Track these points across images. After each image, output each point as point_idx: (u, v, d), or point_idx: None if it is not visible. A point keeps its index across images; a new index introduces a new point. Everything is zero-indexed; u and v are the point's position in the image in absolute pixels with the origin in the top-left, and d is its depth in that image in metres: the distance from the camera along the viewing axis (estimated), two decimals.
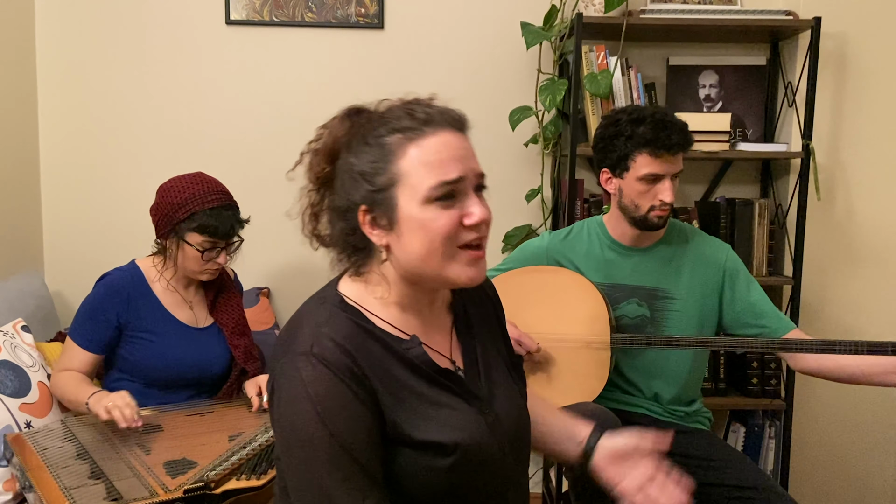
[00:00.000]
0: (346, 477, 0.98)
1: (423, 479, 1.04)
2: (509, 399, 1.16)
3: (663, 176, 1.78)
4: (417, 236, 1.02)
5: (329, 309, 1.07)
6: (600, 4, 2.34)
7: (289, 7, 2.51)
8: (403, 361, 1.06)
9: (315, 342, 1.01)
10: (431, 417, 1.05)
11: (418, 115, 1.04)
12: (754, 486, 1.69)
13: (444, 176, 1.01)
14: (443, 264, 1.03)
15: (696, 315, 1.89)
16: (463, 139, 1.07)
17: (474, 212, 1.03)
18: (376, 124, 1.06)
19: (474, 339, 1.18)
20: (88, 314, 1.86)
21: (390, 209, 1.03)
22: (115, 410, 1.65)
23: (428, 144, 1.02)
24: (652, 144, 1.76)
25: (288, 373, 1.01)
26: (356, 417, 0.99)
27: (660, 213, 1.81)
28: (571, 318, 1.86)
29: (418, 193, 1.01)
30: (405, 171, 1.02)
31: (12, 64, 2.37)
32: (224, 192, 1.87)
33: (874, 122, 2.53)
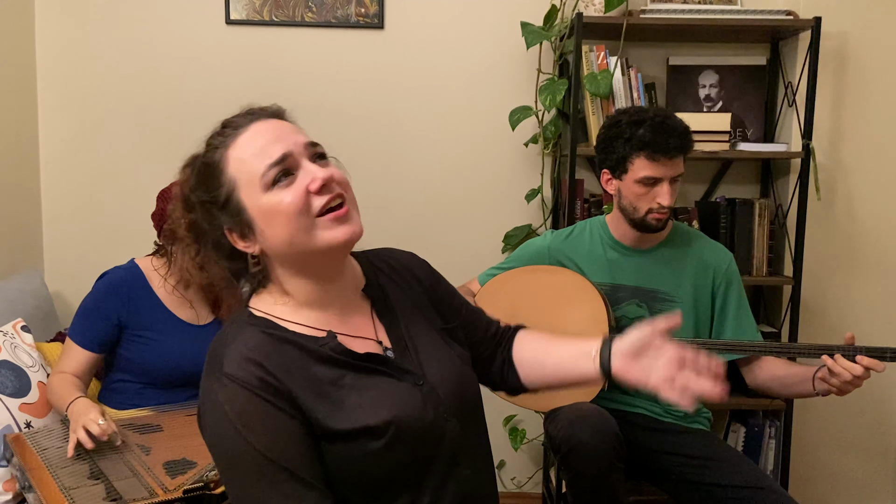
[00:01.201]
0: (278, 487, 0.98)
1: (362, 465, 1.04)
2: (445, 366, 1.16)
3: (661, 179, 1.78)
4: (275, 223, 1.03)
5: (238, 326, 1.08)
6: (600, 4, 2.33)
7: (289, 7, 2.50)
8: (321, 358, 1.06)
9: (225, 361, 1.02)
10: (358, 405, 1.05)
11: (229, 125, 1.09)
12: (754, 485, 1.69)
13: (269, 158, 1.03)
14: (309, 238, 1.03)
15: (693, 319, 1.89)
16: (277, 122, 1.09)
17: (316, 176, 1.03)
18: (201, 154, 1.10)
19: (397, 316, 1.18)
20: (88, 313, 1.86)
21: (243, 215, 1.05)
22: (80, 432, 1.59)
23: (242, 141, 1.06)
24: (649, 147, 1.76)
25: (206, 397, 1.03)
26: (277, 427, 1.00)
27: (658, 216, 1.81)
28: (571, 318, 1.86)
29: (256, 186, 1.03)
30: (234, 173, 1.05)
31: (12, 63, 2.37)
32: None
33: (874, 122, 2.52)
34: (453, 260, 2.14)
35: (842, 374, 1.60)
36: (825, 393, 1.69)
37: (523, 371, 1.29)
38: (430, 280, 1.28)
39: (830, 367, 1.62)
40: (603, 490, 1.66)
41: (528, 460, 2.67)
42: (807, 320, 2.51)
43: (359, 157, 2.52)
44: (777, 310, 2.53)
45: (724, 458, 1.79)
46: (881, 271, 2.58)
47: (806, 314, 2.50)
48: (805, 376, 1.73)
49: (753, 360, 1.88)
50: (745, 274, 2.32)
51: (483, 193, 2.60)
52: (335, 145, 1.19)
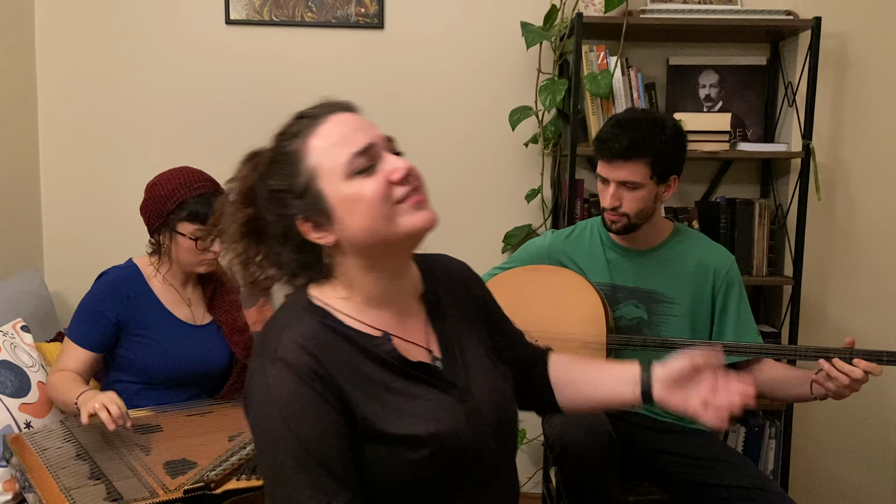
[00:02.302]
0: (312, 480, 0.98)
1: (398, 472, 1.04)
2: (490, 385, 1.16)
3: (607, 180, 1.80)
4: (356, 211, 1.04)
5: (296, 312, 1.08)
6: (600, 4, 2.33)
7: (289, 7, 2.50)
8: (374, 358, 1.07)
9: (279, 346, 1.02)
10: (404, 411, 1.05)
11: (307, 115, 1.09)
12: (754, 486, 1.69)
13: (354, 147, 1.04)
14: (390, 224, 1.04)
15: (691, 321, 1.89)
16: (356, 115, 1.11)
17: (397, 167, 1.04)
18: (276, 143, 1.10)
19: (449, 328, 1.18)
20: (87, 312, 1.86)
21: (322, 204, 1.05)
22: (102, 411, 1.59)
23: (325, 130, 1.06)
24: (598, 145, 1.81)
25: (256, 378, 1.03)
26: (321, 419, 1.00)
27: (609, 216, 1.83)
28: (570, 318, 1.86)
29: (338, 174, 1.04)
30: (316, 162, 1.05)
31: (12, 64, 2.37)
32: (210, 180, 1.87)
33: (874, 122, 2.52)
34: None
35: (839, 378, 1.60)
36: (822, 397, 1.68)
37: (559, 392, 1.30)
38: (483, 295, 1.29)
39: (827, 370, 1.61)
40: (596, 489, 1.66)
41: (528, 460, 2.67)
42: (807, 320, 2.51)
43: None
44: (777, 310, 2.53)
45: (724, 458, 1.79)
46: (881, 271, 2.58)
47: (806, 314, 2.50)
48: (802, 379, 1.73)
49: (752, 363, 1.88)
50: (745, 274, 2.32)
51: (483, 193, 2.60)
52: None
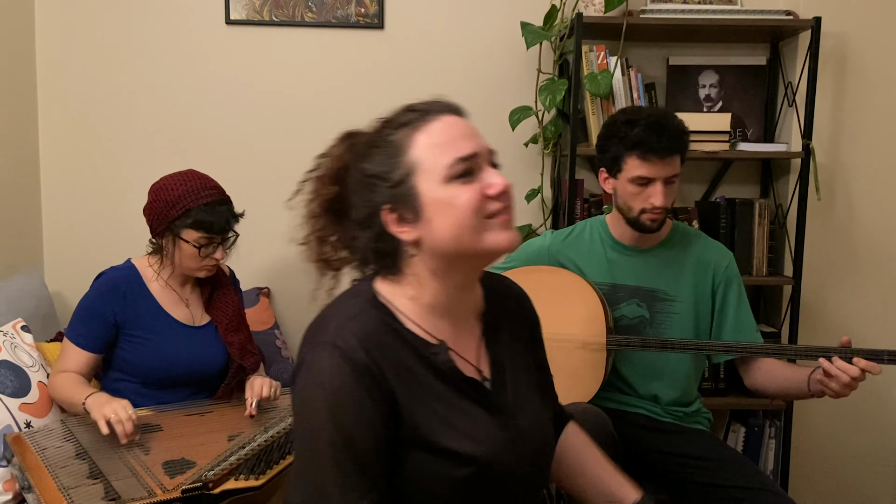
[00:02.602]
0: (345, 474, 0.98)
1: (435, 486, 1.03)
2: (534, 416, 1.15)
3: (654, 179, 1.77)
4: (446, 216, 1.02)
5: (360, 304, 1.07)
6: (600, 4, 2.33)
7: (289, 7, 2.51)
8: (429, 365, 1.06)
9: (339, 335, 1.01)
10: (452, 425, 1.04)
11: (418, 109, 1.07)
12: (754, 486, 1.69)
13: (459, 153, 1.03)
14: (476, 237, 1.03)
15: (693, 319, 1.89)
16: (466, 121, 1.09)
17: (495, 182, 1.04)
18: (379, 128, 1.08)
19: (502, 352, 1.17)
20: (85, 313, 1.86)
21: (413, 199, 1.04)
22: (118, 426, 1.62)
23: (434, 128, 1.05)
24: (641, 147, 1.75)
25: (308, 361, 1.02)
26: (365, 417, 0.99)
27: (651, 216, 1.80)
28: (569, 319, 1.86)
29: (437, 175, 1.02)
30: (419, 158, 1.04)
31: (12, 63, 2.37)
32: (216, 188, 1.87)
33: (874, 122, 2.52)
34: None
35: (838, 376, 1.60)
36: (820, 394, 1.68)
37: (556, 463, 1.29)
38: (536, 325, 1.28)
39: (826, 368, 1.61)
40: None
41: None
42: (807, 320, 2.51)
43: None
44: (777, 310, 2.52)
45: (724, 458, 1.79)
46: (881, 271, 2.58)
47: (806, 314, 2.49)
48: (800, 377, 1.73)
49: (751, 361, 1.88)
50: (745, 274, 2.32)
51: None
52: None
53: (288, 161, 2.55)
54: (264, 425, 1.79)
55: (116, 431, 1.63)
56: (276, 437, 1.73)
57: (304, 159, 2.90)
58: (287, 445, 1.70)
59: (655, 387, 1.90)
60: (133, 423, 1.64)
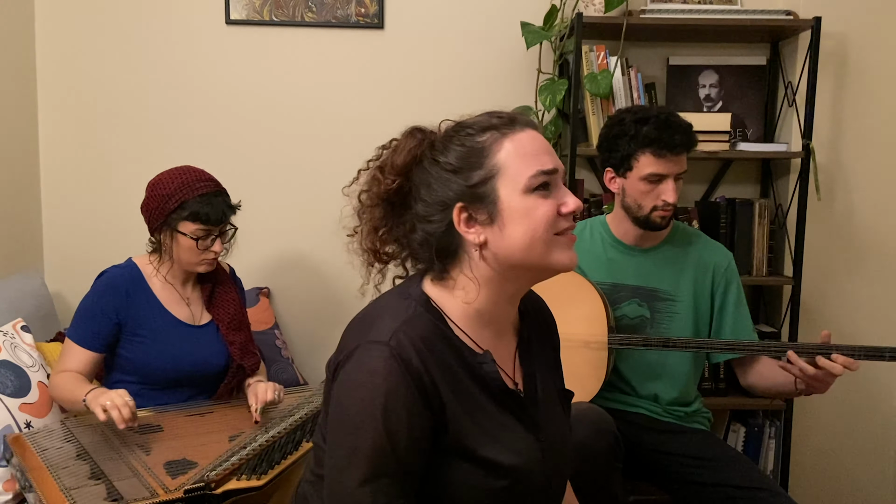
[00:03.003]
0: (378, 478, 0.98)
1: (472, 495, 1.04)
2: (560, 430, 1.17)
3: (666, 176, 1.79)
4: (521, 225, 1.04)
5: (413, 306, 1.07)
6: (600, 4, 2.34)
7: (289, 7, 2.50)
8: (474, 375, 1.06)
9: (394, 335, 1.01)
10: (494, 436, 1.05)
11: (503, 116, 1.10)
12: (754, 486, 1.69)
13: (542, 166, 1.05)
14: (545, 251, 1.05)
15: (693, 318, 1.90)
16: (543, 138, 1.11)
17: (569, 201, 1.06)
18: (461, 128, 1.10)
19: (534, 365, 1.18)
20: (87, 312, 1.85)
21: (491, 202, 1.05)
22: (114, 411, 1.61)
23: (521, 139, 1.07)
24: (655, 144, 1.76)
25: (359, 357, 1.01)
26: (410, 424, 0.99)
27: (662, 213, 1.81)
28: (570, 318, 1.86)
29: (519, 184, 1.04)
30: (503, 163, 1.05)
31: (12, 64, 2.37)
32: (211, 180, 1.87)
33: (874, 122, 2.53)
34: None
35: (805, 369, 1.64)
36: (807, 392, 1.70)
37: None
38: (558, 342, 1.30)
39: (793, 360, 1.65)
40: (601, 490, 1.66)
41: None
42: (806, 320, 2.51)
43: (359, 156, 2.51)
44: (777, 310, 2.53)
45: (724, 458, 1.79)
46: (881, 271, 2.58)
47: (806, 314, 2.50)
48: (789, 376, 1.73)
49: (749, 361, 1.89)
50: (744, 274, 2.33)
51: None
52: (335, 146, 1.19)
53: (288, 161, 2.55)
54: (265, 425, 1.79)
55: (113, 416, 1.60)
56: (277, 437, 1.73)
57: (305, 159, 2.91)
58: (288, 445, 1.70)
59: (655, 386, 1.90)
60: (130, 408, 1.61)
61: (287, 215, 2.58)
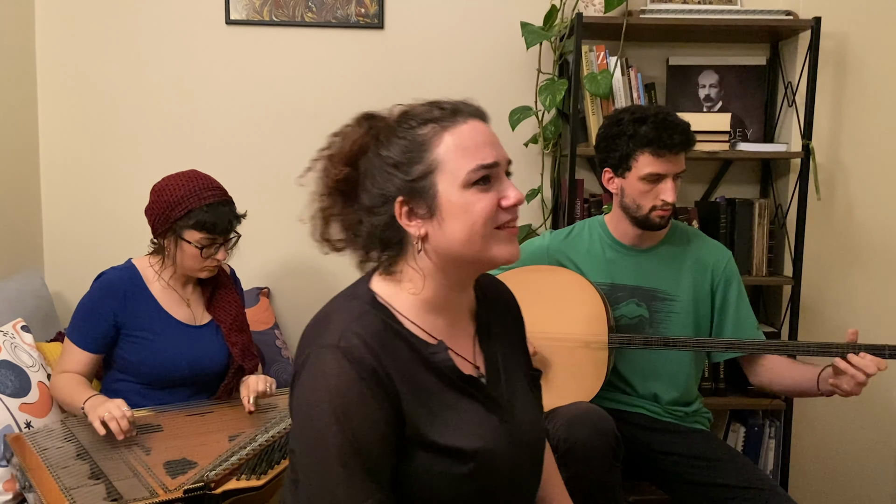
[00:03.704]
0: (352, 475, 0.98)
1: (439, 484, 1.04)
2: (528, 410, 1.17)
3: (665, 176, 1.79)
4: (460, 220, 1.04)
5: (360, 305, 1.08)
6: (600, 4, 2.34)
7: (289, 7, 2.50)
8: (428, 365, 1.07)
9: (343, 337, 1.02)
10: (453, 423, 1.05)
11: (445, 107, 1.09)
12: (754, 486, 1.69)
13: (482, 160, 1.04)
14: (484, 245, 1.05)
15: (692, 318, 1.89)
16: (489, 128, 1.10)
17: (510, 194, 1.06)
18: (404, 119, 1.09)
19: (495, 349, 1.19)
20: (85, 313, 1.86)
21: (430, 196, 1.05)
22: (112, 423, 1.63)
23: (462, 131, 1.06)
24: (654, 144, 1.76)
25: (312, 364, 1.02)
26: (372, 418, 0.99)
27: (661, 212, 1.81)
28: (570, 318, 1.86)
29: (458, 178, 1.04)
30: (443, 157, 1.05)
31: (12, 64, 2.37)
32: (219, 188, 1.87)
33: (874, 122, 2.53)
34: None
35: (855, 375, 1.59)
36: (829, 393, 1.68)
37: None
38: (522, 324, 1.31)
39: (843, 368, 1.60)
40: (601, 490, 1.66)
41: None
42: (806, 320, 2.51)
43: None
44: (777, 310, 2.53)
45: (724, 458, 1.79)
46: (881, 271, 2.58)
47: (806, 314, 2.50)
48: (809, 377, 1.73)
49: (756, 359, 1.88)
50: (744, 274, 2.33)
51: None
52: None
53: (288, 161, 2.55)
54: (265, 425, 1.79)
55: (111, 429, 1.63)
56: (277, 436, 1.73)
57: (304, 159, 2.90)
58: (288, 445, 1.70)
59: (655, 386, 1.90)
60: (128, 419, 1.64)
61: (287, 215, 2.58)
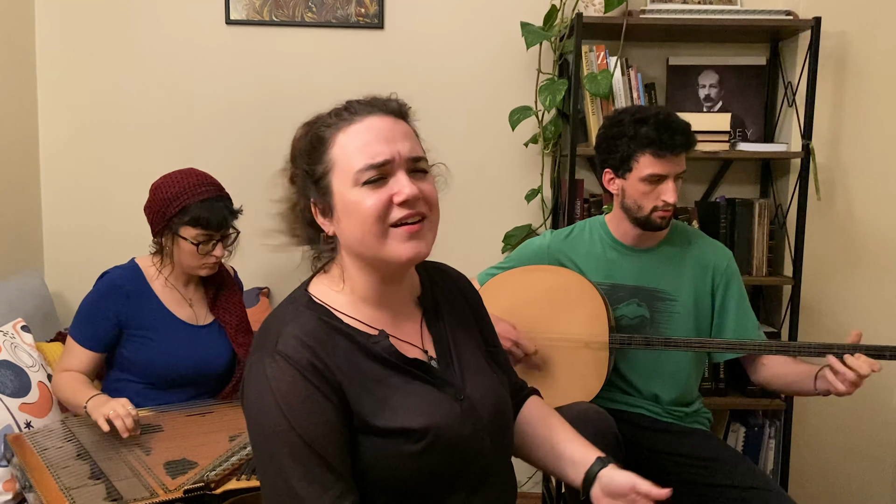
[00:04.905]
0: (308, 471, 1.00)
1: (395, 466, 1.05)
2: (485, 385, 1.18)
3: (666, 176, 1.78)
4: (352, 219, 1.06)
5: (296, 308, 1.11)
6: (600, 4, 2.33)
7: (289, 7, 2.50)
8: (371, 355, 1.09)
9: (280, 340, 1.04)
10: (401, 405, 1.07)
11: (351, 108, 1.11)
12: (754, 486, 1.69)
13: (371, 159, 1.05)
14: (378, 244, 1.06)
15: (693, 317, 1.89)
16: (394, 122, 1.10)
17: (403, 190, 1.05)
18: (315, 121, 1.13)
19: (445, 331, 1.20)
20: (88, 312, 1.86)
21: (328, 196, 1.08)
22: (118, 420, 1.65)
23: (354, 130, 1.08)
24: (655, 145, 1.76)
25: (254, 371, 1.05)
26: (318, 412, 1.01)
27: (663, 213, 1.81)
28: (570, 318, 1.86)
29: (348, 177, 1.06)
30: (335, 157, 1.07)
31: (12, 64, 2.37)
32: (214, 184, 1.87)
33: (874, 122, 2.53)
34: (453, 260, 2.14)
35: (846, 374, 1.60)
36: (825, 393, 1.69)
37: (520, 435, 1.31)
38: (476, 304, 1.32)
39: (835, 366, 1.61)
40: None
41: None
42: (807, 320, 2.51)
43: None
44: (777, 310, 2.53)
45: (724, 458, 1.79)
46: (881, 271, 2.58)
47: (806, 314, 2.50)
48: (806, 374, 1.74)
49: (756, 357, 1.89)
50: (745, 274, 2.32)
51: (483, 193, 2.60)
52: None
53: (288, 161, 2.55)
54: None
55: (116, 427, 1.64)
56: None
57: None
58: None
59: (656, 386, 1.90)
60: (132, 418, 1.66)
61: None
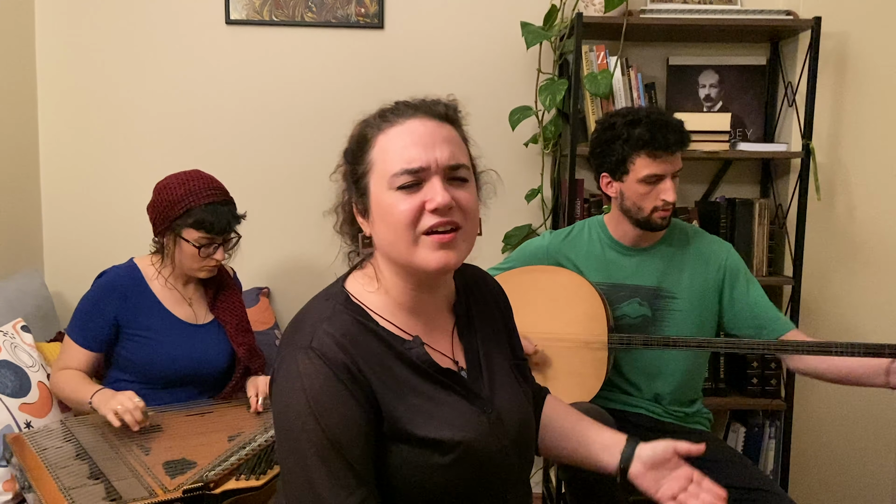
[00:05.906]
0: (333, 472, 0.99)
1: (421, 476, 1.04)
2: (512, 399, 1.17)
3: (663, 176, 1.79)
4: (385, 222, 1.05)
5: (333, 306, 1.09)
6: (600, 4, 2.33)
7: (289, 7, 2.50)
8: (405, 360, 1.07)
9: (315, 337, 1.03)
10: (432, 415, 1.06)
11: (396, 109, 1.10)
12: (754, 486, 1.69)
13: (407, 164, 1.04)
14: (408, 251, 1.05)
15: (696, 315, 1.89)
16: (437, 126, 1.08)
17: (434, 197, 1.03)
18: (364, 120, 1.12)
19: (476, 340, 1.19)
20: (86, 312, 1.86)
21: (366, 196, 1.08)
22: (127, 415, 1.66)
23: (394, 132, 1.07)
24: (650, 145, 1.76)
25: (286, 365, 1.03)
26: (348, 415, 1.00)
27: (663, 213, 1.81)
28: (570, 318, 1.86)
29: (384, 180, 1.05)
30: (375, 159, 1.07)
31: (12, 63, 2.37)
32: (220, 188, 1.87)
33: (874, 122, 2.52)
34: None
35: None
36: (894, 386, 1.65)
37: (543, 436, 1.31)
38: (508, 315, 1.31)
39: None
40: (601, 490, 1.66)
41: None
42: (807, 320, 2.51)
43: None
44: None
45: (724, 458, 1.79)
46: (881, 271, 2.58)
47: (806, 314, 2.50)
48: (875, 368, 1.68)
49: None
50: None
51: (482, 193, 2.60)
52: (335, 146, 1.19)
53: (288, 161, 2.55)
54: (264, 425, 1.79)
55: (126, 421, 1.65)
56: None
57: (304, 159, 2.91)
58: None
59: (657, 385, 1.90)
60: (141, 410, 1.68)
61: (287, 215, 2.58)
